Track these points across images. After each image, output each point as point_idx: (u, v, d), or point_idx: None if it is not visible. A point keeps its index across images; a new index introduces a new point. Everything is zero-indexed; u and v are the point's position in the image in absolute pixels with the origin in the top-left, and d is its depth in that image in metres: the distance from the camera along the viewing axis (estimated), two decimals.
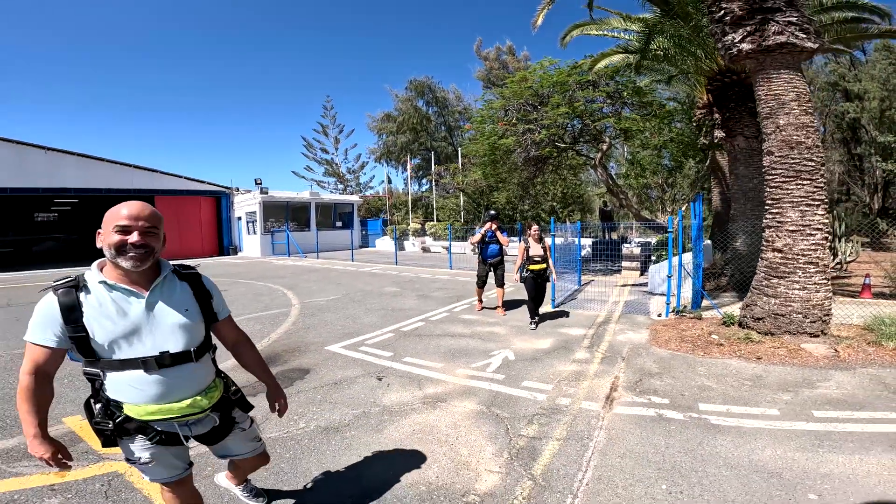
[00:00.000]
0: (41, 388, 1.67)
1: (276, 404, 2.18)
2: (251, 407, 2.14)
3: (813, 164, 5.32)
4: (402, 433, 3.41)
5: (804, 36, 5.39)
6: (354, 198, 30.13)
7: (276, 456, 3.05)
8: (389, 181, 38.82)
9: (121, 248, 1.64)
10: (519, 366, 4.92)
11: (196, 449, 2.53)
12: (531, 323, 6.60)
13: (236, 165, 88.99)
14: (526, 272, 6.56)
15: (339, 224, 27.59)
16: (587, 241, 18.74)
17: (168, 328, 1.74)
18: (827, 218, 5.34)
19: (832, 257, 10.97)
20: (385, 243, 26.34)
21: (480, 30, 78.88)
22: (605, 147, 13.69)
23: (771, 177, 5.57)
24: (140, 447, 1.80)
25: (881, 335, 5.10)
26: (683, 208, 10.08)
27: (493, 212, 7.63)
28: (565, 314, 7.45)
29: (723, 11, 5.81)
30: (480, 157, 15.09)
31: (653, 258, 10.56)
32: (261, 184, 23.92)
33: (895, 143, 17.56)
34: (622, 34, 10.60)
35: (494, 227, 7.50)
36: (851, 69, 22.86)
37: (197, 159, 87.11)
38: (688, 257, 7.96)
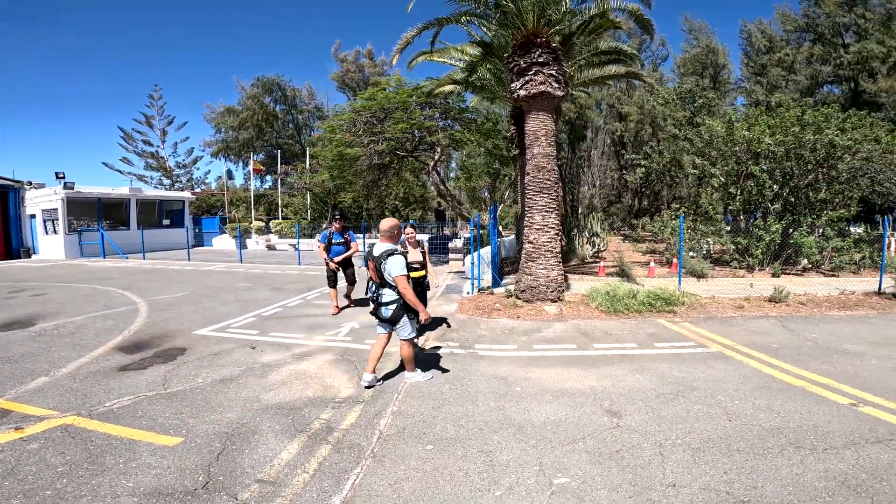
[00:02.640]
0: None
1: None
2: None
3: (551, 182, 8.12)
4: (283, 376, 4.81)
5: (557, 86, 8.02)
6: (185, 194, 28.12)
7: (188, 401, 4.18)
8: (230, 177, 36.70)
9: None
10: (363, 331, 6.62)
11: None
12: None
13: (31, 157, 72.24)
14: (409, 281, 6.70)
15: (166, 222, 25.55)
16: (425, 237, 21.29)
17: None
18: (558, 220, 8.21)
19: (591, 248, 15.15)
20: (224, 242, 25.38)
21: (346, 27, 78.32)
22: (437, 156, 16.20)
23: (527, 190, 8.28)
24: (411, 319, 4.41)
25: (590, 299, 8.12)
26: (481, 213, 12.95)
27: (337, 212, 8.08)
28: None
29: (514, 63, 8.28)
30: (329, 161, 16.34)
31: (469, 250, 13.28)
32: (63, 178, 21.04)
33: (636, 160, 23.68)
34: (458, 63, 12.92)
35: (339, 226, 7.84)
36: (625, 93, 29.35)
37: None
38: (488, 250, 10.63)
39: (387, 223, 4.48)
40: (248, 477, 2.91)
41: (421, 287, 6.14)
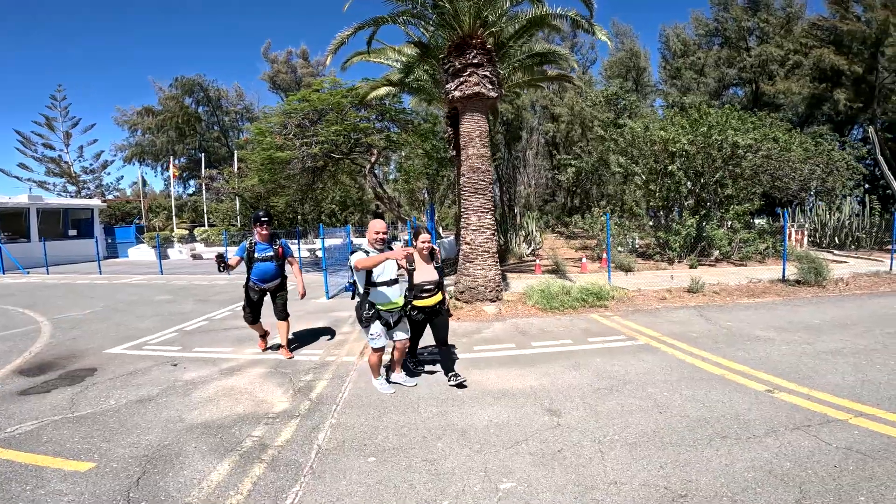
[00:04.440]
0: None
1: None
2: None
3: (485, 183, 8.22)
4: (209, 394, 4.46)
5: (491, 87, 8.11)
6: (95, 202, 25.73)
7: (100, 424, 3.79)
8: (144, 183, 33.95)
9: None
10: (297, 342, 6.31)
11: None
12: (410, 362, 4.96)
13: None
14: (411, 311, 4.41)
15: (73, 233, 23.20)
16: (364, 241, 20.81)
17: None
18: (494, 221, 8.33)
19: (527, 246, 15.59)
20: (142, 252, 23.47)
21: (280, 28, 74.93)
22: (373, 158, 15.91)
23: (462, 191, 8.32)
24: (378, 327, 4.10)
25: (528, 298, 8.30)
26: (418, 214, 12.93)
27: (261, 212, 5.44)
28: (338, 303, 9.09)
29: (449, 65, 8.26)
30: (258, 164, 15.55)
31: None
32: None
33: (566, 160, 24.75)
34: (395, 63, 12.69)
35: (265, 233, 5.39)
36: (558, 95, 30.36)
37: None
38: None
39: (371, 224, 4.28)
40: (174, 501, 2.71)
41: (436, 315, 4.52)
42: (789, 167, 14.49)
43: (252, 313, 5.61)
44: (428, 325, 4.61)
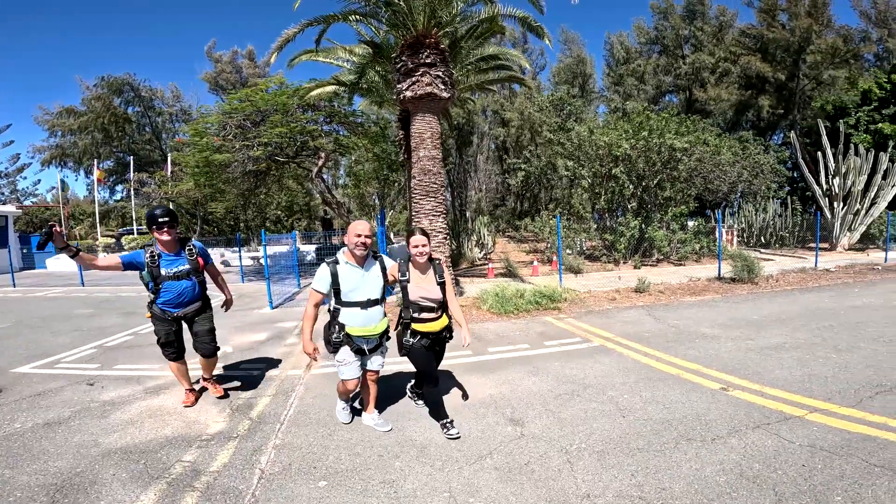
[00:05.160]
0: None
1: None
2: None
3: (437, 186, 8.05)
4: (131, 415, 3.96)
5: (443, 87, 7.96)
6: (9, 208, 23.24)
7: (2, 450, 3.30)
8: (64, 187, 31.14)
9: None
10: (237, 355, 5.81)
11: None
12: (412, 395, 4.12)
13: None
14: (410, 338, 3.42)
15: None
16: (312, 248, 20.14)
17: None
18: (445, 224, 8.17)
19: (479, 250, 15.58)
20: (62, 263, 21.37)
21: (225, 29, 71.16)
22: (321, 162, 15.33)
23: (414, 194, 8.12)
24: (347, 353, 3.28)
25: (482, 302, 8.18)
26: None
27: (157, 210, 3.82)
28: (282, 313, 8.57)
29: (401, 64, 8.02)
30: (193, 168, 14.55)
31: None
32: None
33: (516, 165, 25.11)
34: (345, 63, 12.21)
35: (168, 238, 3.81)
36: (508, 100, 30.78)
37: None
38: None
39: (350, 228, 3.32)
40: None
41: (440, 343, 3.59)
42: (720, 170, 15.41)
43: (172, 347, 4.05)
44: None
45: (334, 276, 3.27)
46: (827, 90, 26.67)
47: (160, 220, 3.74)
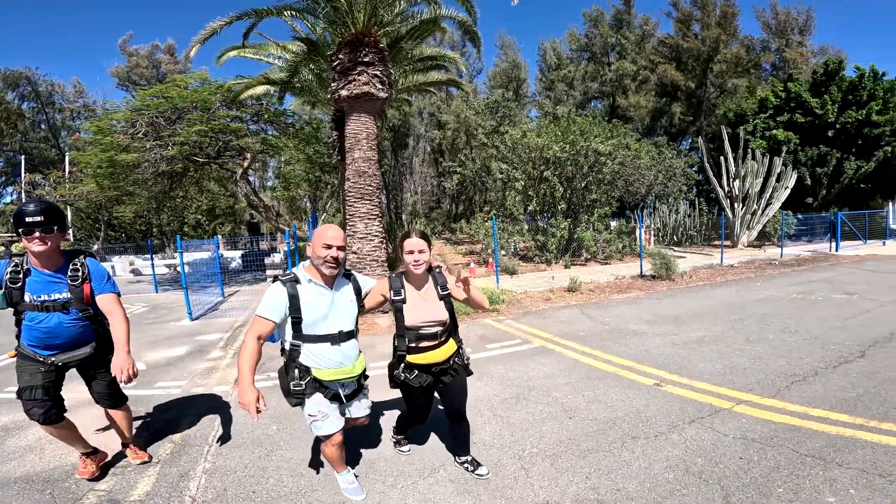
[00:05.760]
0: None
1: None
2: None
3: (372, 188, 7.86)
4: (29, 440, 3.56)
5: (381, 87, 7.72)
6: None
7: None
8: None
9: None
10: (152, 373, 5.30)
11: None
12: (396, 440, 3.28)
13: None
14: (405, 372, 2.67)
15: None
16: (237, 254, 18.98)
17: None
18: (382, 228, 8.00)
19: None
20: None
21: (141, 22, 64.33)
22: (246, 163, 14.45)
23: (348, 197, 7.87)
24: (320, 403, 2.44)
25: None
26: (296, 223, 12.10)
27: (30, 205, 2.52)
28: (204, 324, 7.95)
29: (338, 62, 7.69)
30: (95, 168, 13.13)
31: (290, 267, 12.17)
32: None
33: (452, 167, 25.34)
34: (277, 61, 11.51)
35: (41, 249, 2.55)
36: (445, 103, 30.84)
37: None
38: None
39: (317, 233, 2.46)
40: None
41: (447, 376, 2.70)
42: (639, 173, 16.54)
43: (40, 404, 2.70)
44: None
45: (293, 299, 2.34)
46: (730, 98, 29.35)
47: (29, 219, 2.46)
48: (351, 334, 2.52)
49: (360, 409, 2.72)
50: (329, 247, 2.36)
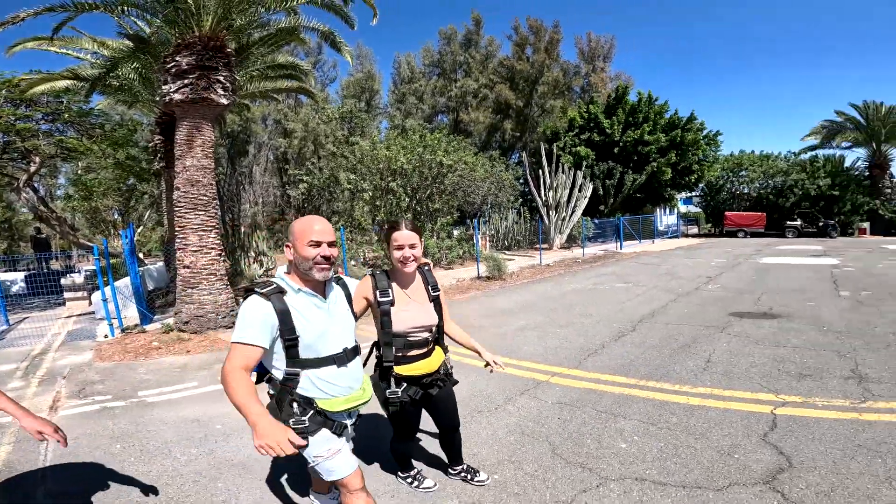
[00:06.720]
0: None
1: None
2: None
3: (207, 198, 7.44)
4: None
5: (223, 93, 7.25)
6: None
7: None
8: None
9: None
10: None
11: None
12: (412, 477, 2.88)
13: None
14: (396, 388, 2.36)
15: None
16: (20, 275, 15.62)
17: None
18: (219, 240, 7.61)
19: (259, 267, 14.68)
20: None
21: None
22: (33, 168, 11.99)
23: (178, 208, 7.34)
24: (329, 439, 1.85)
25: None
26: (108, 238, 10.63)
27: None
28: None
29: (173, 64, 6.97)
30: None
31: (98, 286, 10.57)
32: None
33: (299, 176, 24.48)
34: (89, 56, 9.78)
35: None
36: (293, 110, 29.23)
37: None
38: (127, 281, 8.73)
39: (296, 227, 1.91)
40: None
41: (435, 388, 2.49)
42: (475, 185, 18.35)
43: None
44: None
45: (283, 315, 1.79)
46: (548, 117, 33.87)
47: None
48: (356, 351, 2.02)
49: (349, 435, 2.11)
50: (317, 244, 1.83)
